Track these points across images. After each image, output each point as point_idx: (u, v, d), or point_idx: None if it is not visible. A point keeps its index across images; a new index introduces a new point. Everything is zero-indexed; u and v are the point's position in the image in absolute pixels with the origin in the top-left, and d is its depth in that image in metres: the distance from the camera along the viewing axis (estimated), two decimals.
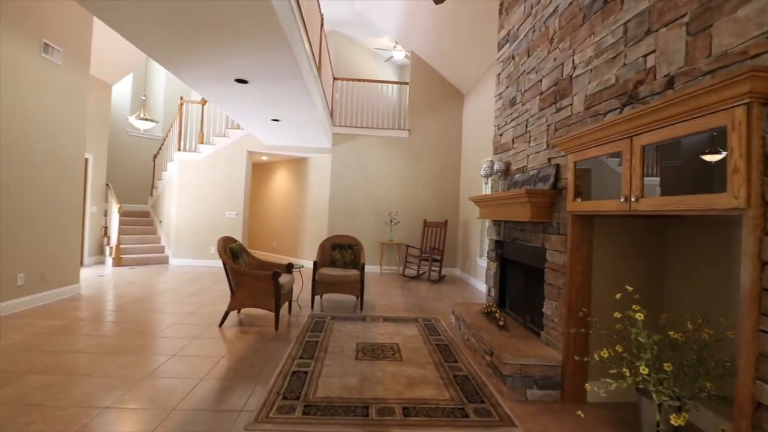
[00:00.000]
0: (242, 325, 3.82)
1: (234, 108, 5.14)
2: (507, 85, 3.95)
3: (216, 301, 4.77)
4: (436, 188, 7.87)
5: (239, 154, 7.58)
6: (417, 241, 7.73)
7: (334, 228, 7.66)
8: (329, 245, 5.12)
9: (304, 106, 4.80)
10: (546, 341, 2.86)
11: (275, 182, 9.14)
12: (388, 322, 4.13)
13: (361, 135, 7.79)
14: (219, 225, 7.54)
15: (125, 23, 2.91)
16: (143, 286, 5.48)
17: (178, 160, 7.53)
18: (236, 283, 3.73)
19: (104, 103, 7.25)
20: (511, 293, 3.81)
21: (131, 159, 9.11)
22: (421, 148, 7.87)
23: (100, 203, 7.31)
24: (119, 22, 2.90)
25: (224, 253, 3.73)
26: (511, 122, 3.77)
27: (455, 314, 3.94)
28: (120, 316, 3.96)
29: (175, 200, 7.54)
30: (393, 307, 4.81)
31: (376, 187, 7.78)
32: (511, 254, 3.68)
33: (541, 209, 2.85)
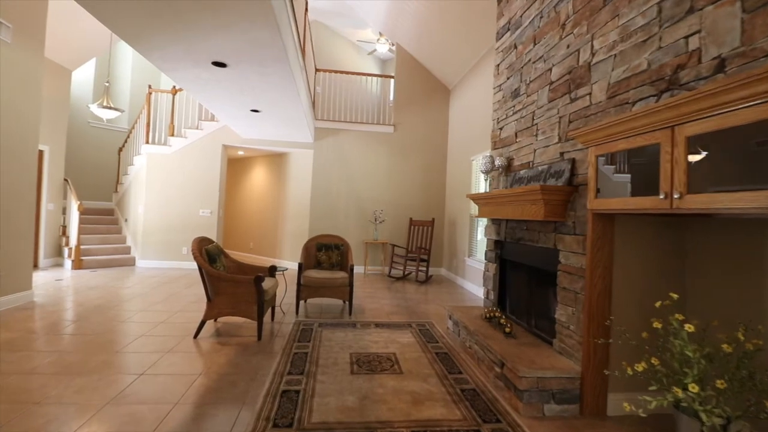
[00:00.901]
0: (220, 336, 3.44)
1: (210, 96, 4.71)
2: (508, 76, 3.73)
3: (189, 307, 4.35)
4: (422, 186, 7.63)
5: (214, 147, 7.09)
6: (402, 240, 7.47)
7: (316, 227, 7.30)
8: (314, 246, 4.77)
9: (287, 96, 4.43)
10: (559, 350, 2.65)
11: (252, 179, 8.67)
12: (381, 328, 3.85)
13: (345, 130, 7.46)
14: (191, 224, 7.03)
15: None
16: (106, 291, 4.97)
17: (146, 154, 6.97)
18: (214, 289, 3.35)
19: (63, 90, 6.61)
20: (512, 296, 3.60)
21: (93, 152, 8.42)
22: (407, 144, 7.61)
23: (58, 200, 6.66)
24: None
25: (200, 255, 3.34)
26: (513, 115, 3.55)
27: (453, 319, 3.70)
28: (79, 327, 3.50)
29: (142, 197, 6.98)
30: (383, 311, 4.53)
31: (360, 185, 7.47)
32: (513, 255, 3.46)
33: (555, 207, 2.64)
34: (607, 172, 2.20)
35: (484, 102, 5.88)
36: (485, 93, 5.84)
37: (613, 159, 2.16)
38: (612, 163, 2.17)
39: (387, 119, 7.93)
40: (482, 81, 6.02)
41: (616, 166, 2.15)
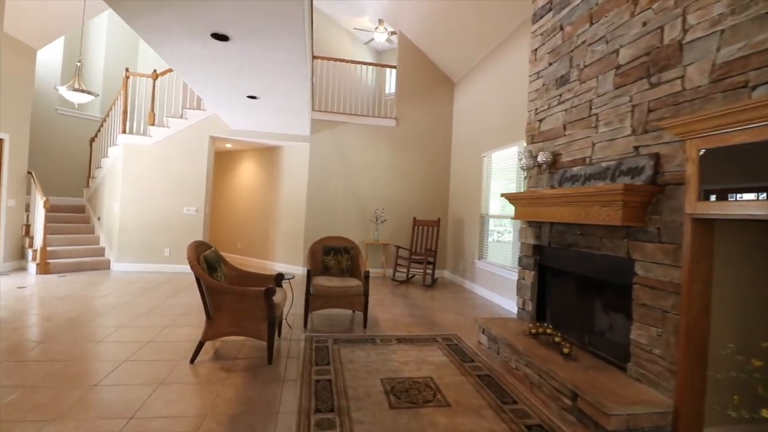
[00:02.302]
0: (221, 359, 2.90)
1: (201, 79, 4.13)
2: (550, 61, 3.32)
3: (180, 321, 3.77)
4: (426, 183, 7.21)
5: (200, 139, 6.44)
6: (404, 240, 7.03)
7: (313, 227, 6.76)
8: (321, 249, 4.27)
9: (294, 78, 3.90)
10: (637, 376, 2.26)
11: (240, 174, 8.03)
12: (405, 344, 3.39)
13: (343, 122, 6.94)
14: (175, 223, 6.37)
15: None
16: (78, 301, 4.32)
17: (123, 145, 6.26)
18: (214, 304, 2.81)
19: (26, 71, 5.83)
20: (554, 308, 3.22)
21: (62, 143, 7.59)
22: (410, 138, 7.16)
23: (20, 196, 5.89)
24: None
25: (198, 264, 2.79)
26: (559, 105, 3.15)
27: (488, 334, 3.28)
28: (47, 350, 2.89)
29: (118, 193, 6.27)
30: (399, 322, 4.08)
31: (360, 182, 6.97)
32: (558, 262, 3.07)
33: (633, 210, 2.24)
34: (714, 170, 1.81)
35: (498, 96, 5.49)
36: (500, 86, 5.45)
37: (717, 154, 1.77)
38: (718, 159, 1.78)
39: (384, 112, 7.45)
40: (495, 73, 5.63)
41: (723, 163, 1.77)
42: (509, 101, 5.22)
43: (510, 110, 5.19)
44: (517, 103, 4.96)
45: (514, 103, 5.08)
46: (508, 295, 4.95)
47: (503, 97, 5.41)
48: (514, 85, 5.10)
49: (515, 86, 5.05)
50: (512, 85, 5.15)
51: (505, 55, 5.40)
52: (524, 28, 4.91)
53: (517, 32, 5.10)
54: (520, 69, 4.90)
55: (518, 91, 4.94)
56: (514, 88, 5.07)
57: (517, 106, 4.96)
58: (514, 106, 5.05)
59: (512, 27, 5.19)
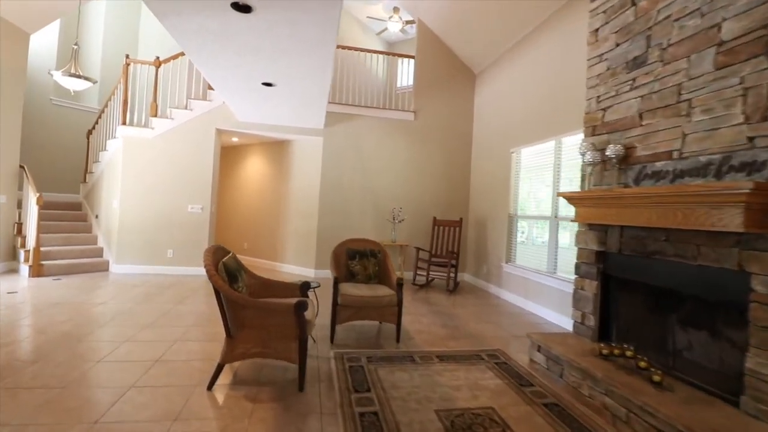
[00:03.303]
0: (243, 384, 2.49)
1: (213, 60, 3.69)
2: (618, 41, 2.91)
3: (191, 334, 3.35)
4: (445, 181, 6.80)
5: (206, 132, 6.00)
6: (422, 242, 6.62)
7: (326, 227, 6.35)
8: (345, 252, 3.85)
9: (319, 59, 3.47)
10: (755, 413, 1.87)
11: (248, 170, 7.59)
12: (447, 362, 2.99)
13: (359, 115, 6.51)
14: (178, 222, 5.94)
15: None
16: (75, 308, 3.89)
17: (123, 137, 5.81)
18: (237, 320, 2.39)
19: (18, 57, 5.37)
20: (622, 324, 2.82)
21: (57, 135, 7.12)
22: (429, 133, 6.74)
23: (12, 191, 5.44)
24: None
25: (217, 274, 2.37)
26: (632, 91, 2.75)
27: (546, 353, 2.89)
28: (39, 373, 2.47)
29: (117, 189, 5.83)
30: (432, 334, 3.67)
31: (376, 178, 6.56)
32: (632, 272, 2.68)
33: (757, 214, 1.84)
34: None
35: (530, 88, 5.08)
36: (532, 78, 5.04)
37: None
38: None
39: (395, 106, 7.01)
40: (526, 64, 5.22)
41: None
42: (544, 93, 4.82)
43: (544, 103, 4.79)
44: (554, 95, 4.57)
45: (549, 95, 4.68)
46: (543, 303, 4.56)
47: (536, 89, 5.00)
48: (549, 76, 4.70)
49: (551, 77, 4.65)
50: (547, 77, 4.75)
51: (538, 44, 5.00)
52: (560, 15, 4.54)
53: (551, 19, 4.71)
54: (559, 59, 4.51)
55: (555, 83, 4.54)
56: (550, 80, 4.68)
57: (554, 99, 4.56)
58: (550, 99, 4.66)
59: (545, 15, 4.80)
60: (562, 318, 4.18)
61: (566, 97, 4.38)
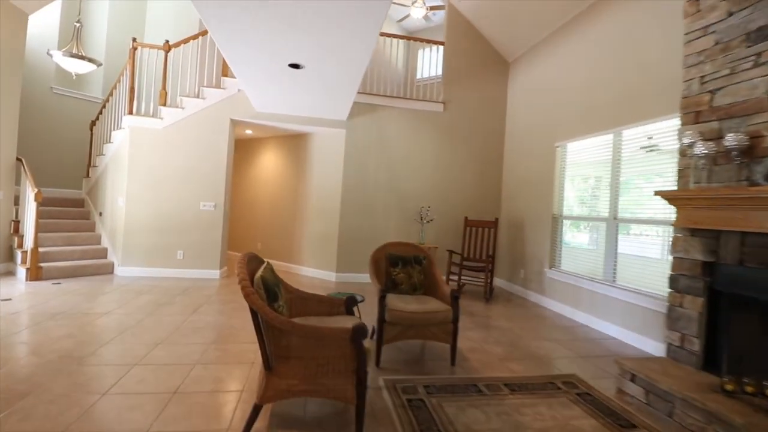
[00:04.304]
0: (286, 428, 2.00)
1: (239, 36, 3.19)
2: (731, 9, 2.40)
3: (211, 354, 2.86)
4: (476, 178, 6.29)
5: (219, 122, 5.51)
6: (451, 243, 6.12)
7: (349, 228, 5.85)
8: (385, 258, 3.36)
9: (364, 32, 2.96)
10: None
11: (262, 166, 7.09)
12: (520, 393, 2.49)
13: (384, 106, 6.00)
14: (189, 220, 5.45)
15: None
16: (76, 320, 3.41)
17: (129, 128, 5.32)
18: (279, 349, 1.90)
19: (16, 40, 4.88)
20: (735, 350, 2.32)
21: (58, 126, 6.64)
22: (459, 126, 6.23)
23: (8, 187, 4.97)
24: None
25: (254, 292, 1.87)
26: (758, 67, 2.23)
27: (645, 384, 2.38)
28: (29, 412, 1.98)
29: (123, 184, 5.34)
30: (488, 354, 3.18)
31: (402, 175, 6.05)
32: (757, 289, 2.17)
33: None
34: None
35: (578, 77, 4.56)
36: (581, 65, 4.52)
37: None
38: None
39: (421, 95, 6.49)
40: (573, 48, 4.71)
41: None
42: (598, 82, 4.32)
43: (599, 93, 4.29)
44: (612, 83, 4.07)
45: (606, 83, 4.19)
46: (601, 315, 4.06)
47: (588, 77, 4.50)
48: (606, 62, 4.19)
49: (609, 63, 4.15)
50: (603, 63, 4.24)
51: (589, 26, 4.49)
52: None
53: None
54: (619, 41, 4.01)
55: (614, 69, 4.04)
56: (608, 66, 4.17)
57: (612, 87, 4.06)
58: (607, 87, 4.16)
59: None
60: (629, 334, 3.68)
61: (629, 84, 3.87)
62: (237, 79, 4.40)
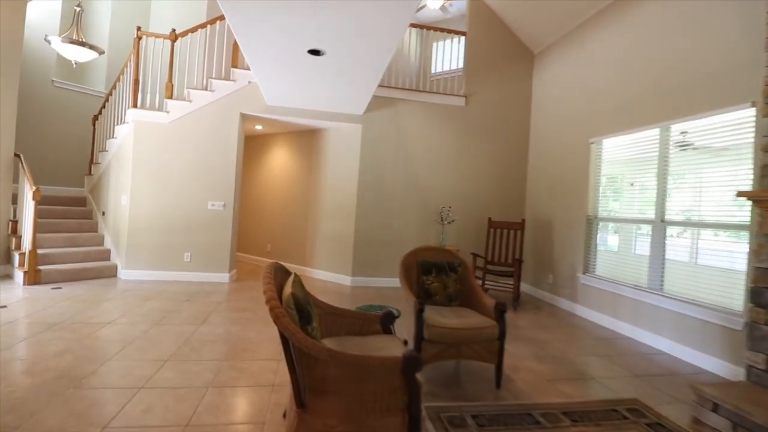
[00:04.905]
0: None
1: (256, 19, 2.87)
2: None
3: (225, 374, 2.54)
4: (499, 177, 5.94)
5: (229, 116, 5.18)
6: (473, 245, 5.77)
7: (365, 228, 5.52)
8: (417, 265, 3.02)
9: (399, 8, 2.63)
10: None
11: (272, 163, 6.76)
12: (583, 424, 2.15)
13: (402, 99, 5.66)
14: (197, 221, 5.14)
15: None
16: (75, 332, 3.09)
17: (134, 122, 5.00)
18: (316, 383, 1.57)
19: (14, 29, 4.57)
20: None
21: (59, 121, 6.34)
22: (481, 121, 5.88)
23: (5, 184, 4.67)
24: None
25: (285, 314, 1.54)
26: None
27: (735, 418, 2.04)
28: None
29: (127, 182, 5.03)
30: (534, 373, 2.84)
31: (421, 173, 5.71)
32: None
33: None
34: None
35: (614, 67, 4.20)
36: (618, 55, 4.16)
37: None
38: None
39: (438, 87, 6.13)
40: (610, 37, 4.35)
41: None
42: (641, 73, 3.97)
43: (642, 84, 3.94)
44: (659, 73, 3.72)
45: (651, 74, 3.84)
46: (646, 326, 3.72)
47: (628, 69, 4.14)
48: (652, 51, 3.84)
49: (655, 53, 3.79)
50: (648, 53, 3.89)
51: (628, 13, 4.14)
52: None
53: None
54: (669, 28, 3.63)
55: (661, 58, 3.67)
56: (654, 56, 3.81)
57: (659, 78, 3.70)
58: (653, 78, 3.81)
59: None
60: (683, 349, 3.34)
61: (679, 73, 3.52)
62: (250, 68, 4.08)
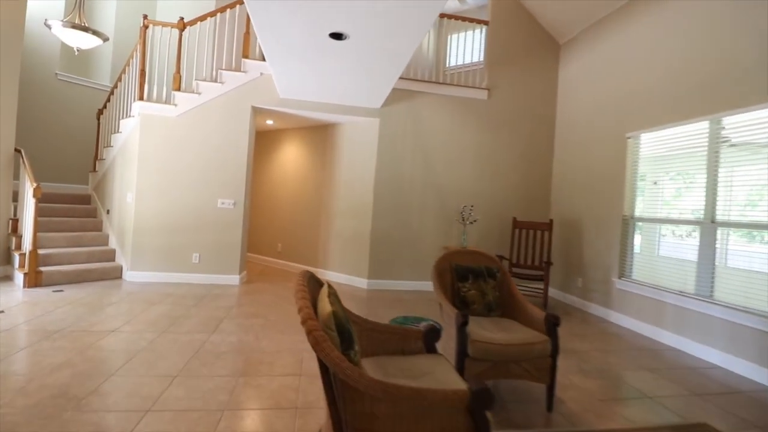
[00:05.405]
0: None
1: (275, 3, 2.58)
2: None
3: (242, 394, 2.26)
4: (524, 174, 5.63)
5: (240, 110, 4.91)
6: (495, 247, 5.48)
7: (382, 228, 5.23)
8: (451, 270, 2.73)
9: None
10: None
11: (283, 160, 6.48)
12: None
13: (422, 92, 5.36)
14: (206, 220, 4.87)
15: None
16: (75, 341, 2.83)
17: (140, 115, 4.74)
18: (358, 419, 1.28)
19: (12, 16, 4.32)
20: None
21: (63, 115, 6.11)
22: (504, 115, 5.57)
23: (5, 180, 4.43)
24: None
25: (326, 339, 1.25)
26: None
27: None
28: None
29: (132, 179, 4.78)
30: (583, 392, 2.54)
31: (441, 170, 5.41)
32: None
33: None
34: None
35: (648, 58, 3.88)
36: (654, 44, 3.84)
37: None
38: None
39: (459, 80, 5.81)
40: (643, 26, 4.02)
41: None
42: (683, 62, 3.65)
43: (688, 73, 3.61)
44: (709, 60, 3.38)
45: (698, 62, 3.50)
46: (694, 336, 3.43)
47: (669, 58, 3.83)
48: (695, 39, 3.51)
49: (699, 41, 3.47)
50: (692, 41, 3.57)
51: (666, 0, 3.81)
52: None
53: None
54: (717, 11, 3.30)
55: (712, 44, 3.34)
56: (702, 41, 3.49)
57: (708, 66, 3.37)
58: (701, 66, 3.47)
59: None
60: (739, 362, 3.04)
61: (734, 60, 3.19)
62: (264, 56, 3.82)
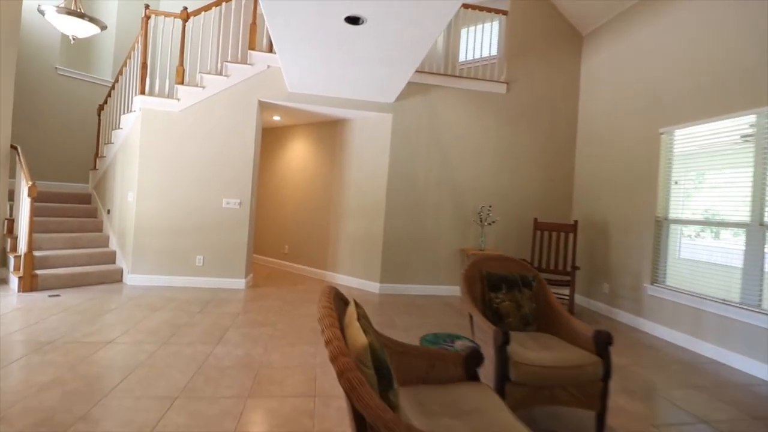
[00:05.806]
0: None
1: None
2: None
3: (251, 418, 2.00)
4: (544, 173, 5.34)
5: (246, 105, 4.65)
6: (514, 249, 5.20)
7: (395, 229, 4.96)
8: (481, 278, 2.46)
9: None
10: None
11: (290, 157, 6.23)
12: None
13: (437, 86, 5.08)
14: (211, 220, 4.63)
15: None
16: (68, 355, 2.59)
17: (141, 110, 4.50)
18: None
19: (9, 9, 4.08)
20: None
21: (62, 111, 5.88)
22: (524, 110, 5.28)
23: (0, 179, 4.21)
24: None
25: (360, 383, 0.99)
26: None
27: None
28: None
29: (134, 177, 4.54)
30: (632, 417, 2.26)
31: (458, 169, 5.13)
32: None
33: None
34: None
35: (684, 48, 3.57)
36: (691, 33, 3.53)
37: None
38: None
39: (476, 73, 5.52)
40: (678, 14, 3.72)
41: None
42: (723, 51, 3.35)
43: (725, 64, 3.32)
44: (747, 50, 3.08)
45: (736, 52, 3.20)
46: (738, 348, 3.15)
47: (708, 47, 3.52)
48: (737, 23, 3.20)
49: (742, 26, 3.15)
50: (734, 26, 3.25)
51: None
52: None
53: None
54: None
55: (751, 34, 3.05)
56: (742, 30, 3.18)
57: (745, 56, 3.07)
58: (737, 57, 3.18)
59: None
60: None
61: None
62: (273, 46, 3.55)
